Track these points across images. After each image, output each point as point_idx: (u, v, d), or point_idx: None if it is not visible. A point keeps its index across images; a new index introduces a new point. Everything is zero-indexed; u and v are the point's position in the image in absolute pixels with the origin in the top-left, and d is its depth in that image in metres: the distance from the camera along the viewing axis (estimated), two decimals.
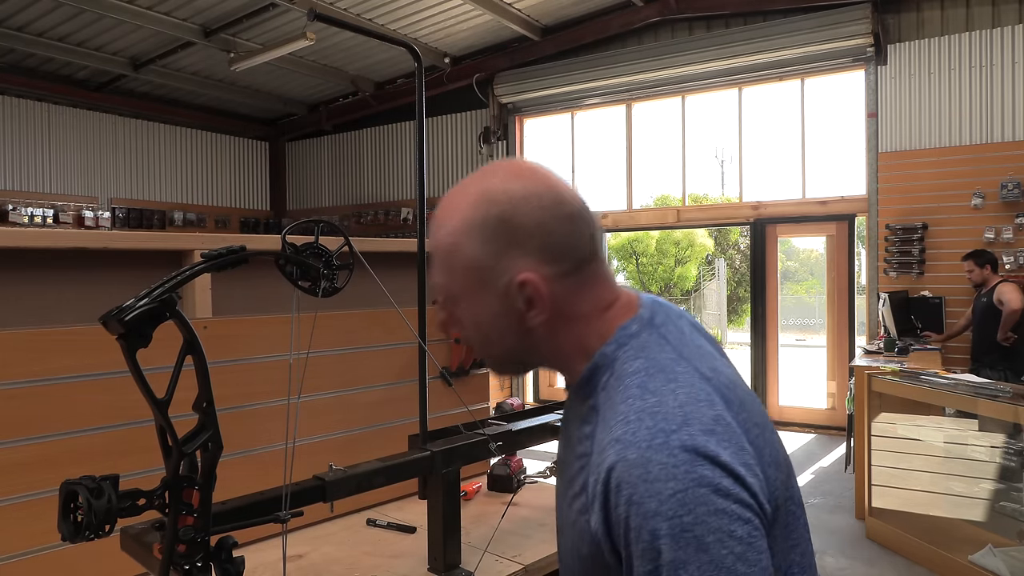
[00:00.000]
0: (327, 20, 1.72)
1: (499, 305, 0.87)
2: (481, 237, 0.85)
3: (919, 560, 4.05)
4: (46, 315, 1.60)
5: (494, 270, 0.85)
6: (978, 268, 5.81)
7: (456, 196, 0.89)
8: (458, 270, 0.88)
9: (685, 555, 0.69)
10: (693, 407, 0.77)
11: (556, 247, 0.86)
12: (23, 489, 1.46)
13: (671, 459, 0.72)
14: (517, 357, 0.92)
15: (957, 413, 4.44)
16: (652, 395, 0.78)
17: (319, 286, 1.16)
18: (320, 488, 1.38)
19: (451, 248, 0.88)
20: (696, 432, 0.74)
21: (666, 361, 0.83)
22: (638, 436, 0.74)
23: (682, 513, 0.70)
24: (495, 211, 0.85)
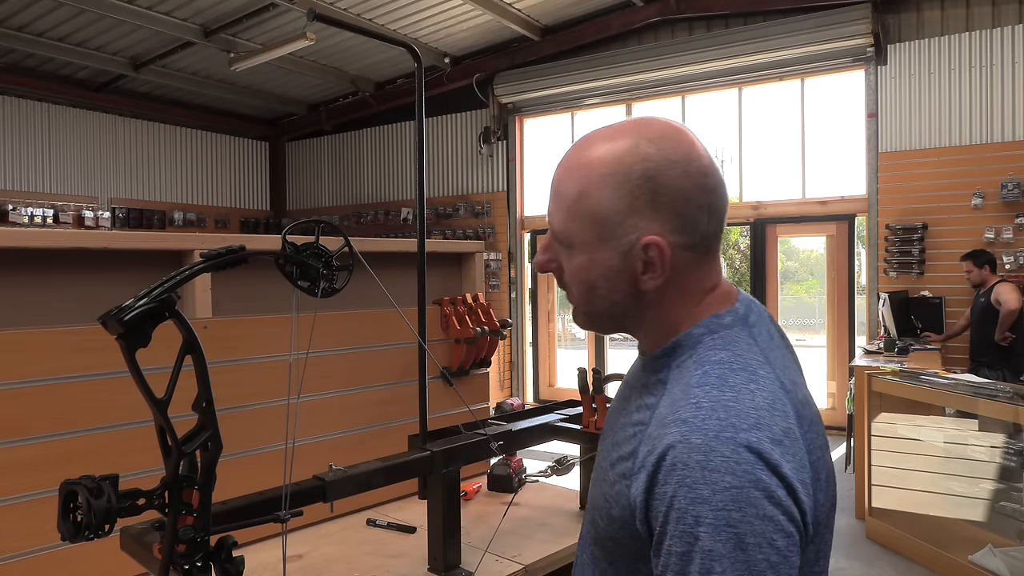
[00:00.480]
0: (327, 20, 1.72)
1: (617, 261, 0.85)
2: (620, 189, 0.84)
3: (919, 560, 4.05)
4: (46, 315, 1.60)
5: (622, 225, 0.84)
6: (977, 268, 5.82)
7: (601, 141, 0.87)
8: (583, 217, 0.86)
9: (723, 548, 0.70)
10: (768, 413, 0.77)
11: (689, 218, 0.84)
12: (23, 489, 1.46)
13: (735, 455, 0.72)
14: (615, 314, 0.90)
15: (957, 413, 4.44)
16: (731, 390, 0.78)
17: (318, 286, 1.16)
18: (320, 488, 1.38)
19: (582, 192, 0.85)
20: (764, 438, 0.74)
21: (752, 361, 0.82)
22: (707, 424, 0.75)
23: (731, 508, 0.71)
24: (641, 167, 0.83)
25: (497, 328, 2.37)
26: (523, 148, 9.11)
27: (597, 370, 1.93)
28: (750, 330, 0.87)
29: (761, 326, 0.89)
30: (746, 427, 0.74)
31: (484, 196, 9.18)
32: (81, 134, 9.14)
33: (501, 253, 8.99)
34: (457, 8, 7.64)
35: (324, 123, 10.61)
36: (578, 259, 0.88)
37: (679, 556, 0.72)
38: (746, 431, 0.74)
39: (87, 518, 0.88)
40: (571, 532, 1.86)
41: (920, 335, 6.29)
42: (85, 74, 8.94)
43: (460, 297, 2.36)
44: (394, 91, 9.73)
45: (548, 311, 9.17)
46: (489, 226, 9.08)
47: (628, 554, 0.84)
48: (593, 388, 1.91)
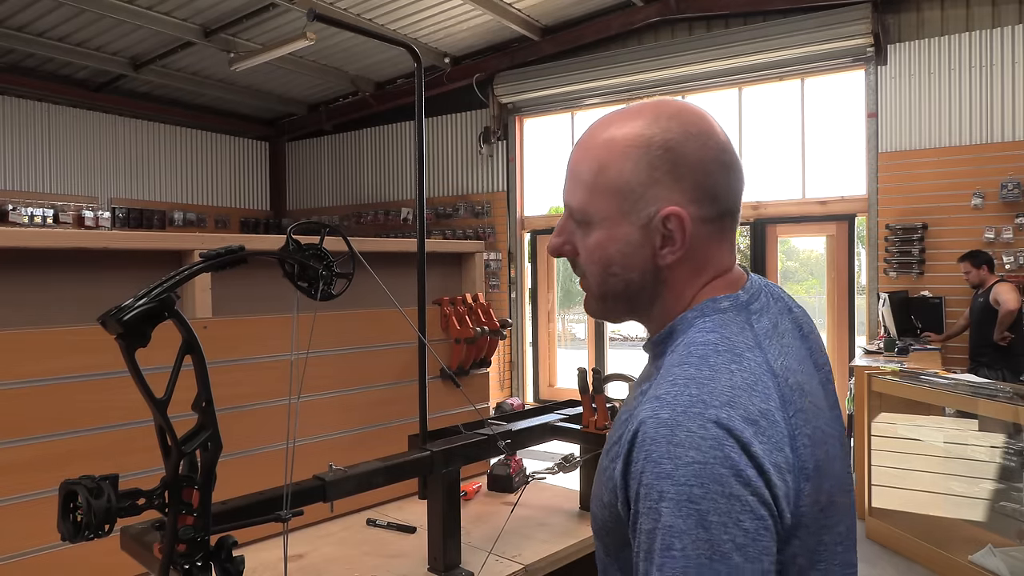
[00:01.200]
0: (327, 20, 1.72)
1: (637, 235, 0.85)
2: (640, 161, 0.83)
3: (919, 560, 4.05)
4: (46, 315, 1.60)
5: (643, 197, 0.84)
6: (975, 269, 5.82)
7: (620, 120, 0.87)
8: (603, 191, 0.85)
9: (684, 525, 0.68)
10: (745, 393, 0.75)
11: (709, 189, 0.84)
12: (23, 489, 1.46)
13: (701, 430, 0.71)
14: (630, 293, 0.88)
15: (957, 413, 4.44)
16: (709, 368, 0.77)
17: (317, 288, 1.15)
18: (320, 488, 1.38)
19: (602, 167, 0.85)
20: (736, 415, 0.72)
21: (739, 344, 0.80)
22: (678, 399, 0.74)
23: (693, 484, 0.69)
24: (661, 138, 0.83)
25: (497, 328, 2.37)
26: (523, 148, 9.11)
27: (597, 370, 1.93)
28: (749, 316, 0.85)
29: (765, 315, 0.87)
30: (718, 404, 0.73)
31: (484, 196, 9.18)
32: (81, 134, 9.14)
33: (501, 253, 8.99)
34: (457, 8, 7.64)
35: (324, 123, 10.61)
36: (596, 236, 0.87)
37: (646, 534, 0.71)
38: (717, 408, 0.72)
39: (87, 518, 0.88)
40: (571, 532, 1.86)
41: (920, 335, 6.29)
42: (85, 74, 8.94)
43: (460, 297, 2.36)
44: (394, 91, 9.73)
45: (548, 311, 9.16)
46: (489, 226, 9.08)
47: (618, 540, 0.83)
48: (593, 388, 1.91)
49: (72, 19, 7.41)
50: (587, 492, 2.03)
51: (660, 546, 0.69)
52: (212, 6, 7.33)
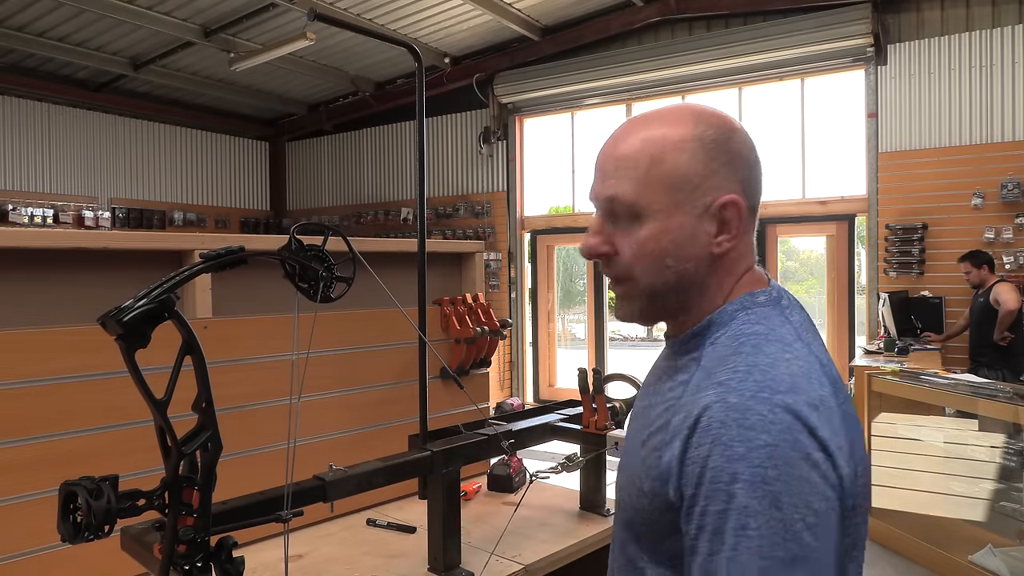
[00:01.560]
0: (327, 20, 1.72)
1: (692, 225, 0.86)
2: (696, 152, 0.85)
3: (919, 560, 4.05)
4: (46, 315, 1.60)
5: (699, 188, 0.85)
6: (975, 269, 5.82)
7: (660, 116, 0.88)
8: (657, 183, 0.85)
9: (759, 506, 0.70)
10: (804, 380, 0.77)
11: (752, 183, 0.88)
12: (23, 489, 1.46)
13: (771, 414, 0.73)
14: (682, 287, 0.88)
15: (957, 413, 4.44)
16: (766, 357, 0.79)
17: (317, 289, 1.15)
18: (320, 488, 1.38)
19: (655, 159, 0.85)
20: (801, 402, 0.75)
21: (786, 335, 0.83)
22: (744, 385, 0.76)
23: (767, 466, 0.71)
24: (713, 131, 0.86)
25: (497, 328, 2.37)
26: (523, 148, 9.10)
27: (597, 370, 1.93)
28: (783, 311, 0.88)
29: (794, 309, 0.90)
30: (783, 390, 0.75)
31: (484, 196, 9.17)
32: (81, 134, 9.14)
33: (501, 253, 8.99)
34: (457, 8, 7.64)
35: (324, 123, 10.61)
36: (648, 228, 0.86)
37: (715, 515, 0.72)
38: (783, 393, 0.75)
39: (87, 519, 0.88)
40: (571, 532, 1.86)
41: (920, 335, 6.29)
42: (85, 74, 8.94)
43: (460, 297, 2.36)
44: (394, 91, 9.73)
45: (548, 311, 9.16)
46: (489, 226, 9.08)
47: (655, 531, 0.83)
48: (593, 388, 1.91)
49: (72, 19, 7.41)
50: (588, 492, 2.03)
51: (734, 526, 0.70)
52: (212, 6, 7.33)
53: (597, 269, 9.01)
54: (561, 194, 9.37)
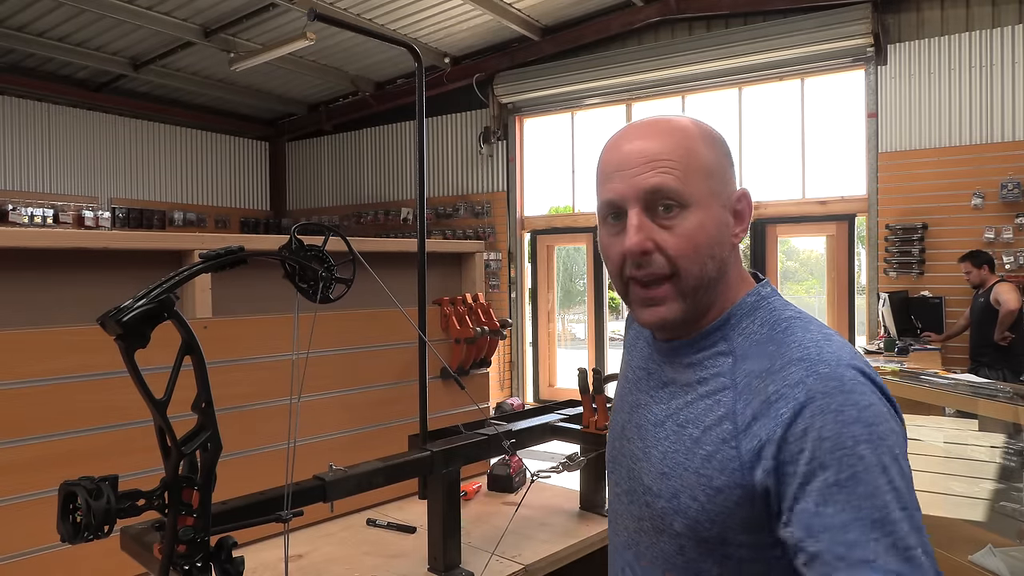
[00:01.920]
0: (327, 20, 1.72)
1: (723, 216, 0.89)
2: (717, 147, 0.90)
3: None
4: (46, 315, 1.60)
5: (725, 179, 0.90)
6: (975, 269, 5.82)
7: (660, 118, 0.91)
8: (697, 173, 0.87)
9: (887, 460, 0.74)
10: (851, 349, 0.83)
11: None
12: (23, 489, 1.46)
13: (858, 378, 0.78)
14: (718, 279, 0.89)
15: (957, 413, 4.43)
16: (819, 333, 0.84)
17: (316, 289, 1.15)
18: (320, 488, 1.38)
19: (688, 150, 0.87)
20: (865, 365, 0.81)
21: (814, 319, 0.89)
22: (824, 355, 0.80)
23: (877, 422, 0.76)
24: (712, 131, 0.91)
25: (497, 328, 2.37)
26: (523, 148, 9.10)
27: (597, 370, 1.93)
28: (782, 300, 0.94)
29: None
30: (848, 358, 0.80)
31: (484, 196, 9.17)
32: (81, 134, 9.13)
33: (501, 253, 8.99)
34: (457, 8, 7.64)
35: (324, 123, 10.60)
36: (694, 219, 0.87)
37: (843, 482, 0.73)
38: (851, 359, 0.80)
39: (86, 519, 0.88)
40: (571, 532, 1.86)
41: (920, 335, 6.29)
42: (85, 74, 8.93)
43: (460, 297, 2.36)
44: (394, 91, 9.73)
45: (548, 311, 9.16)
46: (489, 226, 9.08)
47: (733, 525, 0.82)
48: (593, 388, 1.91)
49: (72, 19, 7.40)
50: (588, 492, 2.03)
51: (882, 484, 0.73)
52: (212, 6, 7.33)
53: (597, 269, 8.93)
54: (561, 194, 9.37)
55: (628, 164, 0.87)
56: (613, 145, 0.91)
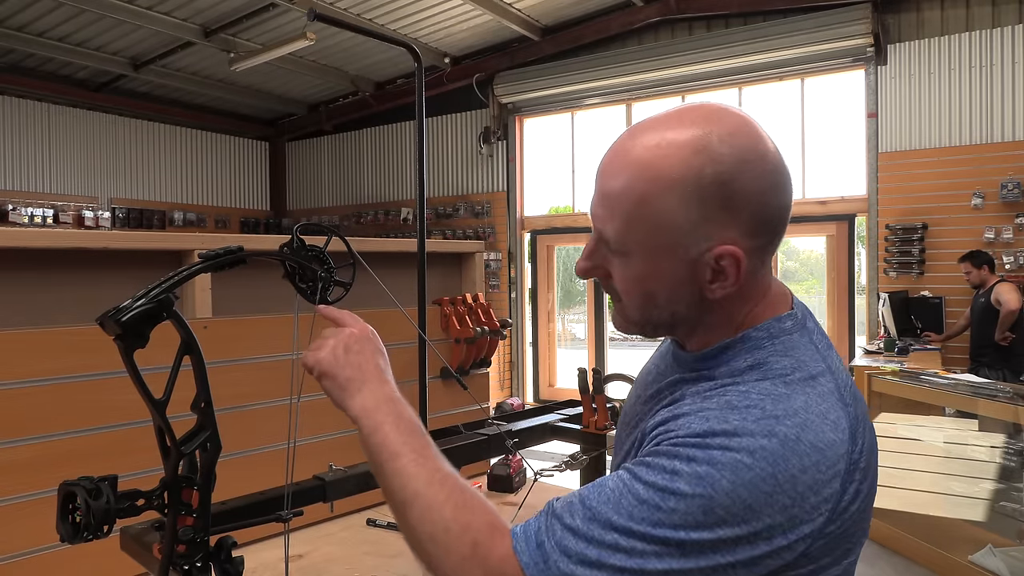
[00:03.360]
0: (327, 20, 1.72)
1: (683, 272, 0.78)
2: (689, 196, 0.74)
3: (919, 560, 4.04)
4: (46, 315, 1.60)
5: (691, 235, 0.76)
6: (975, 269, 5.82)
7: (660, 133, 0.77)
8: (643, 225, 0.76)
9: (687, 487, 0.71)
10: (818, 419, 0.73)
11: (764, 220, 0.78)
12: (23, 489, 1.46)
13: (793, 445, 0.71)
14: (674, 323, 0.83)
15: (957, 413, 4.43)
16: (785, 387, 0.75)
17: (316, 290, 1.15)
18: (320, 488, 1.38)
19: (644, 198, 0.76)
20: (805, 439, 0.71)
21: (813, 368, 0.78)
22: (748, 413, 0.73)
23: (740, 471, 0.70)
24: (713, 169, 0.74)
25: (497, 328, 2.37)
26: (523, 148, 9.10)
27: (597, 370, 1.93)
28: (810, 336, 0.82)
29: (818, 332, 0.85)
30: (790, 423, 0.73)
31: (484, 196, 9.17)
32: (81, 134, 9.13)
33: (501, 253, 8.99)
34: (457, 8, 7.64)
35: (324, 123, 10.60)
36: (635, 268, 0.80)
37: (634, 468, 0.75)
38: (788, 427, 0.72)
39: (86, 519, 0.88)
40: None
41: (920, 335, 6.29)
42: (85, 74, 8.93)
43: (460, 297, 2.36)
44: (394, 91, 9.73)
45: (548, 311, 9.16)
46: (489, 226, 9.08)
47: None
48: (593, 388, 1.91)
49: (72, 19, 7.40)
50: None
51: (635, 492, 0.72)
52: (212, 6, 7.33)
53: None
54: (561, 194, 9.37)
55: (596, 185, 0.82)
56: (607, 149, 0.83)
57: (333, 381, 0.94)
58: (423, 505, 0.79)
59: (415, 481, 0.81)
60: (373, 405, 0.90)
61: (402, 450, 0.84)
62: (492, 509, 0.80)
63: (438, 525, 0.77)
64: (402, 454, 0.84)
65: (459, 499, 0.78)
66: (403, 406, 0.91)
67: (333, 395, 0.94)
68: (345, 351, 0.95)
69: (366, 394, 0.91)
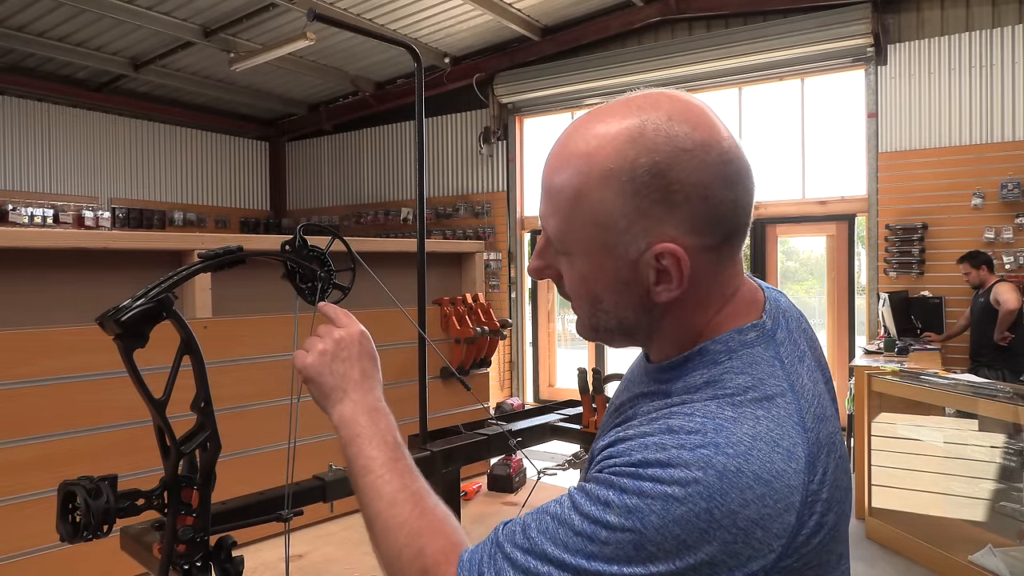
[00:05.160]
0: (327, 20, 1.72)
1: (625, 272, 0.73)
2: (624, 188, 0.70)
3: (919, 560, 4.05)
4: (46, 315, 1.60)
5: (628, 231, 0.71)
6: (974, 270, 5.82)
7: (599, 125, 0.72)
8: (581, 221, 0.72)
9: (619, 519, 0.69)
10: (767, 447, 0.67)
11: (709, 215, 0.71)
12: (23, 489, 1.46)
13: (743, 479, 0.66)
14: (623, 329, 0.78)
15: (957, 413, 4.43)
16: (733, 410, 0.70)
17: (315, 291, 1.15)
18: (320, 488, 1.38)
19: (580, 192, 0.71)
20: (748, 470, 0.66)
21: (771, 388, 0.72)
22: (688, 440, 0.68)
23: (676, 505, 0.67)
24: (648, 159, 0.69)
25: (497, 328, 2.37)
26: (523, 148, 9.11)
27: (597, 370, 1.93)
28: (776, 348, 0.76)
29: (789, 344, 0.78)
30: (731, 452, 0.67)
31: (484, 196, 9.17)
32: (81, 134, 9.13)
33: (501, 253, 8.99)
34: (457, 8, 7.64)
35: (324, 123, 10.61)
36: (578, 268, 0.76)
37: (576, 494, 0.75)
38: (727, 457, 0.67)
39: (85, 519, 0.88)
40: None
41: (920, 335, 6.29)
42: (85, 74, 8.93)
43: (460, 297, 2.36)
44: (394, 91, 9.73)
45: (548, 311, 9.16)
46: (489, 226, 9.08)
47: None
48: (593, 388, 1.91)
49: (72, 19, 7.40)
50: None
51: (573, 520, 0.72)
52: (212, 6, 7.33)
53: None
54: None
55: (542, 185, 0.78)
56: (554, 142, 0.78)
57: (318, 388, 0.96)
58: (382, 526, 0.80)
59: (379, 501, 0.82)
60: (351, 416, 0.91)
61: (371, 465, 0.85)
62: (451, 532, 0.79)
63: (392, 548, 0.78)
64: (371, 470, 0.84)
65: (418, 524, 0.79)
66: (382, 417, 0.91)
67: (317, 401, 0.96)
68: (332, 358, 0.95)
69: (347, 404, 0.93)
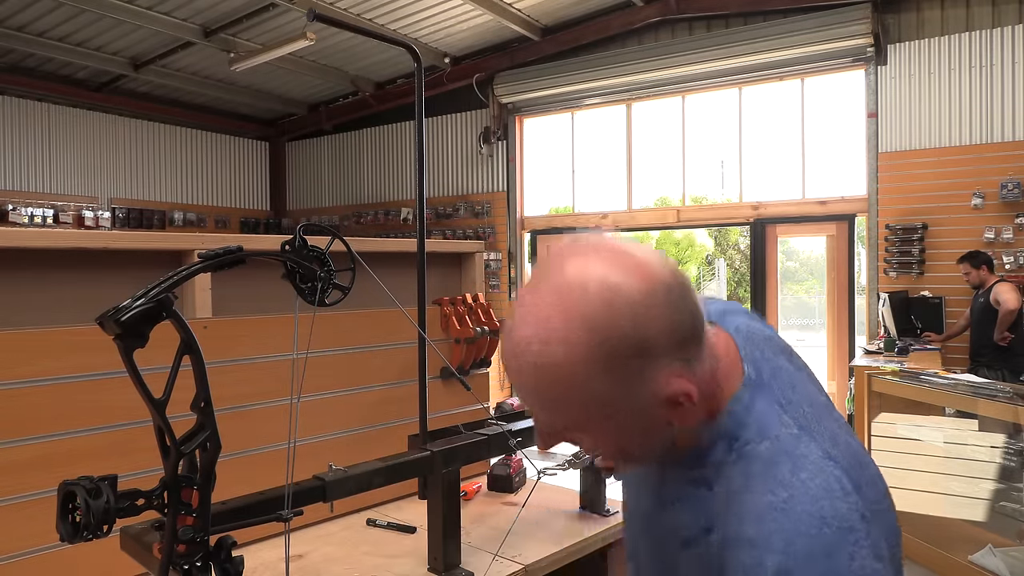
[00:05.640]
0: (327, 20, 1.72)
1: (642, 421, 0.76)
2: (610, 367, 0.71)
3: (919, 560, 4.05)
4: (46, 315, 1.60)
5: (628, 395, 0.74)
6: (974, 270, 5.82)
7: (556, 311, 0.72)
8: (577, 406, 0.75)
9: None
10: (828, 502, 0.73)
11: (684, 339, 0.74)
12: (23, 489, 1.46)
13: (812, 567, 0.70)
14: (659, 456, 0.83)
15: (957, 413, 4.43)
16: (784, 489, 0.74)
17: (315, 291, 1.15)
18: (320, 488, 1.38)
19: (565, 384, 0.73)
20: (833, 534, 0.71)
21: (788, 440, 0.77)
22: (773, 542, 0.72)
23: None
24: (619, 333, 0.71)
25: (497, 328, 2.37)
26: (523, 148, 9.11)
27: None
28: (771, 394, 0.81)
29: (776, 380, 0.83)
30: (813, 532, 0.72)
31: (484, 196, 9.17)
32: (81, 134, 9.14)
33: (501, 253, 8.99)
34: (457, 8, 7.64)
35: (324, 123, 10.61)
36: (596, 439, 0.80)
37: None
38: (815, 536, 0.72)
39: (85, 519, 0.88)
40: (571, 532, 1.86)
41: (920, 335, 6.29)
42: (85, 74, 8.93)
43: (460, 297, 2.36)
44: (394, 91, 9.73)
45: None
46: (489, 226, 9.08)
47: None
48: None
49: (72, 19, 7.40)
50: (588, 492, 2.03)
51: None
52: (212, 6, 7.33)
53: None
54: (561, 194, 9.37)
55: (517, 385, 0.78)
56: (504, 342, 0.78)
57: None
58: None
59: None
60: None
61: None
62: None
63: None
64: None
65: None
66: None
67: None
68: None
69: None
